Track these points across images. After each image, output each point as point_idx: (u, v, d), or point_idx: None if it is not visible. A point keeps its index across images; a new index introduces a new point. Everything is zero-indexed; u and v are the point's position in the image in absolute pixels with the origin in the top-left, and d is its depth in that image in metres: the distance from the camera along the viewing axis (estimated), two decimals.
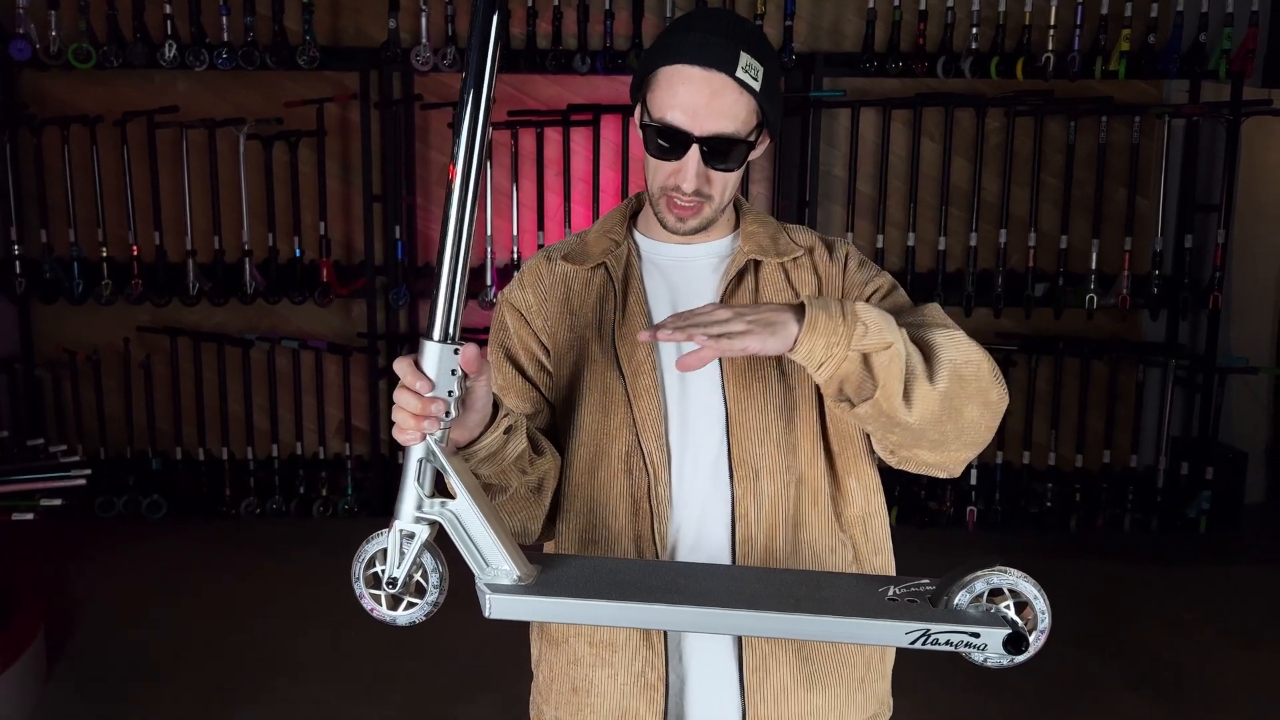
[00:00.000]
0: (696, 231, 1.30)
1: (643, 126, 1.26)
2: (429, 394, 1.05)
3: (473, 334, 4.66)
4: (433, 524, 1.09)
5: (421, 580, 1.10)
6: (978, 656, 1.07)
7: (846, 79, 4.56)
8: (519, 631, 1.43)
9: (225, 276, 4.56)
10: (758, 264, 1.34)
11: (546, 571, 1.14)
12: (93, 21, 4.34)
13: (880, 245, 4.61)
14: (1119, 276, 4.53)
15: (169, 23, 4.33)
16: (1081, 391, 4.74)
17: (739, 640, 1.30)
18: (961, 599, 1.08)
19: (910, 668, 1.46)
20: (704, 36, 1.22)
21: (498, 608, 1.09)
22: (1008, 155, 4.55)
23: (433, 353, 1.06)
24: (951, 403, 1.14)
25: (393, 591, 1.10)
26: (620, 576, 1.15)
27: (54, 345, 4.70)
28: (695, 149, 1.23)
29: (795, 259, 1.35)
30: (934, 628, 1.05)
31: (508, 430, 1.17)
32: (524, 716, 1.47)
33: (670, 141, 1.23)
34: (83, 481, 3.04)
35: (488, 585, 1.10)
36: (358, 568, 1.11)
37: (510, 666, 3.28)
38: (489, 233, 4.46)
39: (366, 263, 4.57)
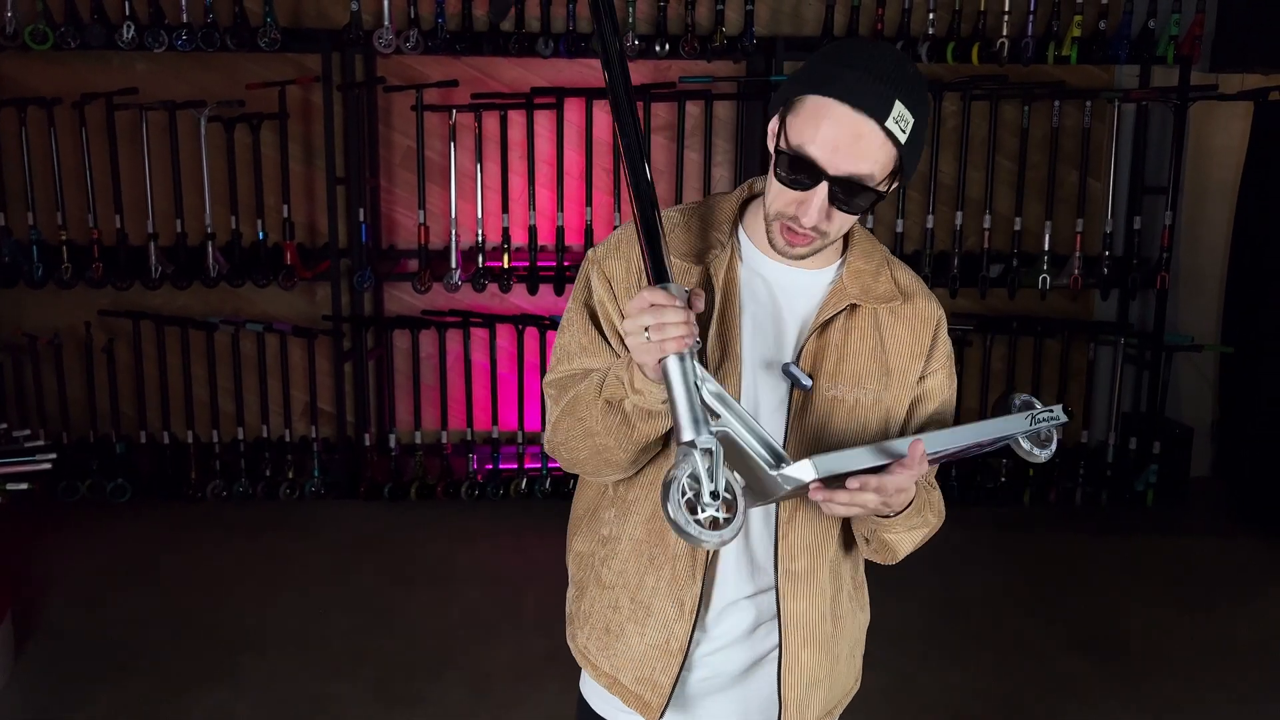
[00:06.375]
0: (802, 259, 1.31)
1: (776, 151, 1.24)
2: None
3: (435, 315, 4.68)
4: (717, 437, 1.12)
5: (727, 494, 1.11)
6: (1040, 452, 1.35)
7: None
8: (487, 612, 1.48)
9: (188, 260, 4.54)
10: (854, 307, 1.34)
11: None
12: (49, 2, 4.29)
13: None
14: (1071, 257, 4.64)
15: (127, 3, 4.28)
16: (1035, 370, 4.86)
17: (779, 617, 1.37)
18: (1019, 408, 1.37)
19: (873, 643, 1.58)
20: (861, 76, 1.17)
21: (823, 465, 1.13)
22: (964, 139, 4.64)
23: (671, 290, 1.13)
24: (914, 546, 1.39)
25: (711, 511, 1.09)
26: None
27: (14, 329, 4.66)
28: (824, 186, 1.20)
29: (891, 307, 1.36)
30: (1035, 411, 1.33)
31: None
32: (491, 694, 1.53)
33: (801, 173, 1.21)
34: (48, 465, 3.03)
35: (784, 471, 1.14)
36: (679, 498, 1.08)
37: (477, 645, 3.34)
38: (453, 215, 4.48)
39: (330, 245, 4.57)
